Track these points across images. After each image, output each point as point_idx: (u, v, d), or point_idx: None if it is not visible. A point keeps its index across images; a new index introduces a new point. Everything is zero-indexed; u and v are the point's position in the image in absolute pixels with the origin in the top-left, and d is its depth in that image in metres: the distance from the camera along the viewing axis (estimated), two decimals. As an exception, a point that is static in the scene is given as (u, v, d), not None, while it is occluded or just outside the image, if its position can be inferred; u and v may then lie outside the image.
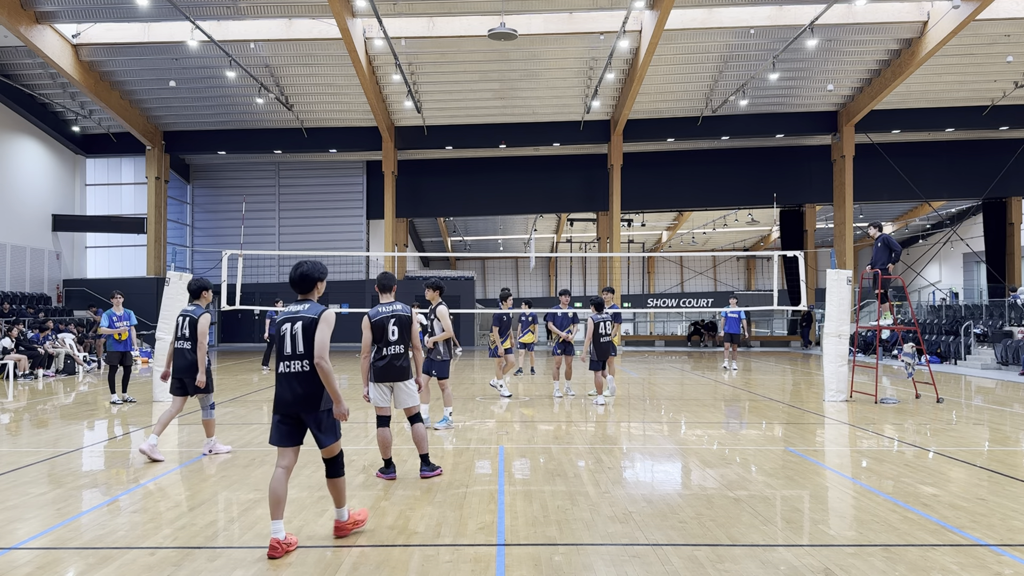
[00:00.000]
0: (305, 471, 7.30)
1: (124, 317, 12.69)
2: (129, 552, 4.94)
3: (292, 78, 26.88)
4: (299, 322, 5.00)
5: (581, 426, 10.27)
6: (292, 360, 4.99)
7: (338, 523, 5.28)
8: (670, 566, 4.67)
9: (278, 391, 5.03)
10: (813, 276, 34.53)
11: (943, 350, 23.33)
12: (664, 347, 34.53)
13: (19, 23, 21.11)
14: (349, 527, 5.30)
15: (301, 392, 4.97)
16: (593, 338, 12.24)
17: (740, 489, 6.60)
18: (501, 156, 32.36)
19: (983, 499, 6.30)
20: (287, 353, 5.00)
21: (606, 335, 12.24)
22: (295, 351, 4.99)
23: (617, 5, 22.27)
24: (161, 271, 29.56)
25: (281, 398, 5.00)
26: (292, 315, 5.06)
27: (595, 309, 12.40)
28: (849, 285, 13.27)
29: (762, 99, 28.08)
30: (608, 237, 31.66)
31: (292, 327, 5.01)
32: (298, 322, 5.01)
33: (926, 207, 36.95)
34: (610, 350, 12.45)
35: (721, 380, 17.34)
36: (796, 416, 11.34)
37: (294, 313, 5.07)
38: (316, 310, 5.05)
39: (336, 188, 34.08)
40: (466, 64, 25.84)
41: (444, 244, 48.44)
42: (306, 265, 5.17)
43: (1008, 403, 13.26)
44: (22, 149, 27.58)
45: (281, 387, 5.02)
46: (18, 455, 8.16)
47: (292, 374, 4.99)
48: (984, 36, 23.78)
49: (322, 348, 4.91)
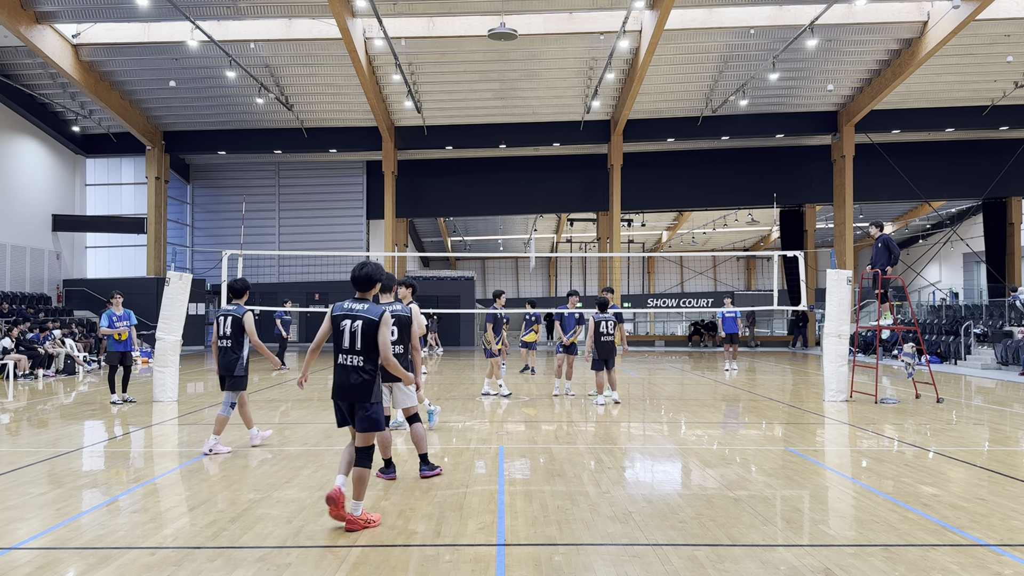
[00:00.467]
0: (305, 471, 7.30)
1: (124, 317, 12.67)
2: (129, 552, 4.94)
3: (292, 78, 26.88)
4: (359, 321, 5.41)
5: (581, 426, 10.27)
6: (350, 354, 5.43)
7: (350, 516, 5.41)
8: (670, 566, 4.67)
9: (336, 379, 5.47)
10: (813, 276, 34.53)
11: (943, 350, 23.34)
12: (664, 347, 34.53)
13: (19, 23, 21.11)
14: (360, 524, 5.43)
15: (355, 383, 5.40)
16: (595, 337, 12.24)
17: (740, 489, 6.61)
18: (501, 156, 32.36)
19: (983, 499, 6.30)
20: (345, 347, 5.42)
21: (608, 335, 12.24)
22: (353, 347, 5.42)
23: (617, 5, 22.26)
24: (161, 271, 29.56)
25: (339, 386, 5.46)
26: (352, 312, 5.46)
27: (599, 308, 12.41)
28: (849, 285, 13.27)
29: (762, 99, 28.08)
30: (608, 237, 31.66)
31: (352, 324, 5.42)
32: (358, 320, 5.41)
33: (926, 207, 36.95)
34: (613, 350, 12.42)
35: (721, 380, 17.34)
36: (796, 416, 11.34)
37: (353, 311, 5.46)
38: (376, 312, 5.46)
39: (336, 188, 34.08)
40: (466, 64, 25.84)
41: (444, 244, 48.44)
42: (370, 266, 5.62)
43: (1008, 403, 13.27)
44: (22, 149, 27.59)
45: (339, 376, 5.46)
46: (18, 455, 8.16)
47: (349, 367, 5.43)
48: (984, 36, 23.78)
49: (385, 348, 5.42)
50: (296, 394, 14.23)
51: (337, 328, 5.48)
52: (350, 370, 5.41)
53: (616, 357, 13.53)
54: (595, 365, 12.39)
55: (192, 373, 19.20)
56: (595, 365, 12.39)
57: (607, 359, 12.33)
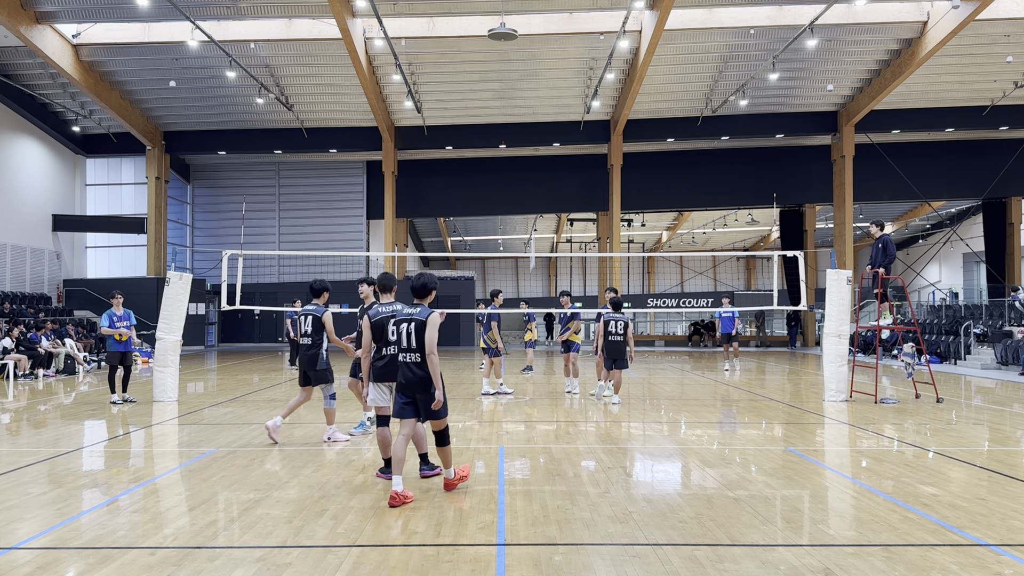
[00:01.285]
0: (305, 471, 7.30)
1: (124, 317, 12.62)
2: (129, 552, 4.94)
3: (292, 78, 26.88)
4: (412, 323, 6.23)
5: (581, 426, 10.27)
6: (408, 352, 6.23)
7: (447, 480, 6.51)
8: (670, 566, 4.67)
9: (399, 375, 6.28)
10: (813, 276, 34.52)
11: (943, 350, 23.34)
12: (664, 347, 34.53)
13: (19, 23, 21.10)
14: (456, 482, 6.53)
15: (416, 377, 6.18)
16: (604, 336, 12.30)
17: (740, 489, 6.61)
18: (501, 156, 32.35)
19: (983, 499, 6.30)
20: (404, 346, 6.24)
21: (617, 335, 12.27)
22: (410, 345, 6.23)
23: (617, 5, 22.26)
24: (161, 271, 29.56)
25: (401, 381, 6.26)
26: (407, 316, 6.28)
27: (613, 308, 12.44)
28: (849, 285, 13.27)
29: (762, 99, 28.08)
30: (608, 237, 31.66)
31: (408, 326, 6.24)
32: (412, 323, 6.23)
33: (926, 207, 36.93)
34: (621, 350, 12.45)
35: (721, 380, 17.34)
36: (796, 416, 11.34)
37: (408, 315, 6.28)
38: (425, 313, 6.24)
39: (336, 188, 34.08)
40: (466, 64, 25.84)
41: (444, 244, 48.44)
42: (426, 276, 6.42)
43: (1008, 403, 13.27)
44: (22, 149, 27.58)
45: (401, 373, 6.27)
46: (18, 455, 8.16)
47: (408, 363, 6.22)
48: (984, 36, 23.78)
49: (431, 345, 6.14)
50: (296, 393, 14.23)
51: (395, 328, 6.34)
52: (412, 366, 6.20)
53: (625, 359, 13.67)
54: (606, 364, 12.52)
55: (192, 373, 19.21)
56: (606, 364, 12.52)
57: (616, 359, 12.36)
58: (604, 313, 12.45)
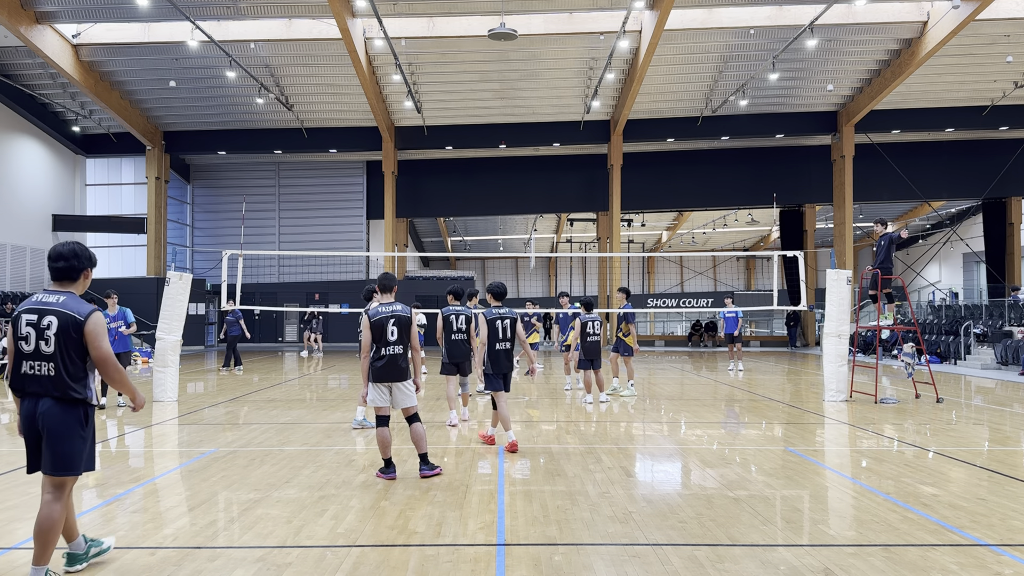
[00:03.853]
0: (305, 471, 7.30)
1: (118, 317, 12.31)
2: (129, 552, 4.94)
3: (292, 78, 26.89)
4: (509, 320, 7.82)
5: (581, 426, 10.27)
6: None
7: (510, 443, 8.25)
8: (670, 566, 4.67)
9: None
10: (813, 276, 34.52)
11: (943, 350, 23.34)
12: (664, 347, 34.53)
13: (19, 23, 21.10)
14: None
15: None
16: (581, 338, 12.24)
17: (740, 489, 6.61)
18: (501, 156, 32.35)
19: (983, 499, 6.30)
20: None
21: (594, 335, 12.26)
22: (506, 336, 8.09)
23: (617, 5, 22.26)
24: (161, 271, 29.56)
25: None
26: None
27: (585, 309, 12.41)
28: (849, 285, 13.27)
29: (762, 99, 28.08)
30: (608, 237, 31.66)
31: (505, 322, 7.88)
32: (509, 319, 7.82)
33: (926, 207, 36.93)
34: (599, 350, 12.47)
35: (721, 380, 17.34)
36: (796, 416, 11.34)
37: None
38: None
39: (336, 188, 34.08)
40: (466, 64, 25.84)
41: (444, 244, 48.44)
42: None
43: (1008, 403, 13.27)
44: (22, 149, 27.59)
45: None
46: (18, 455, 8.16)
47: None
48: (984, 36, 23.77)
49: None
50: (297, 394, 14.24)
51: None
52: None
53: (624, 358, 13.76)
54: (581, 364, 12.43)
55: (192, 373, 19.21)
56: (581, 364, 12.43)
57: (592, 359, 12.34)
58: (580, 316, 12.40)
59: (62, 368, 4.22)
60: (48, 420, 4.24)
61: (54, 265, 4.37)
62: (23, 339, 4.24)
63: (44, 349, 4.22)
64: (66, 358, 4.22)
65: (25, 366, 4.26)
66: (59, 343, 4.21)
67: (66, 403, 4.26)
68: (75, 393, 4.25)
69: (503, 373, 8.43)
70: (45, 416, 4.25)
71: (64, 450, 4.27)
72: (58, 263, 4.36)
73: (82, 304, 4.31)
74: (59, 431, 4.26)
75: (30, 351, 4.24)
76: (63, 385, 4.22)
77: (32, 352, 4.24)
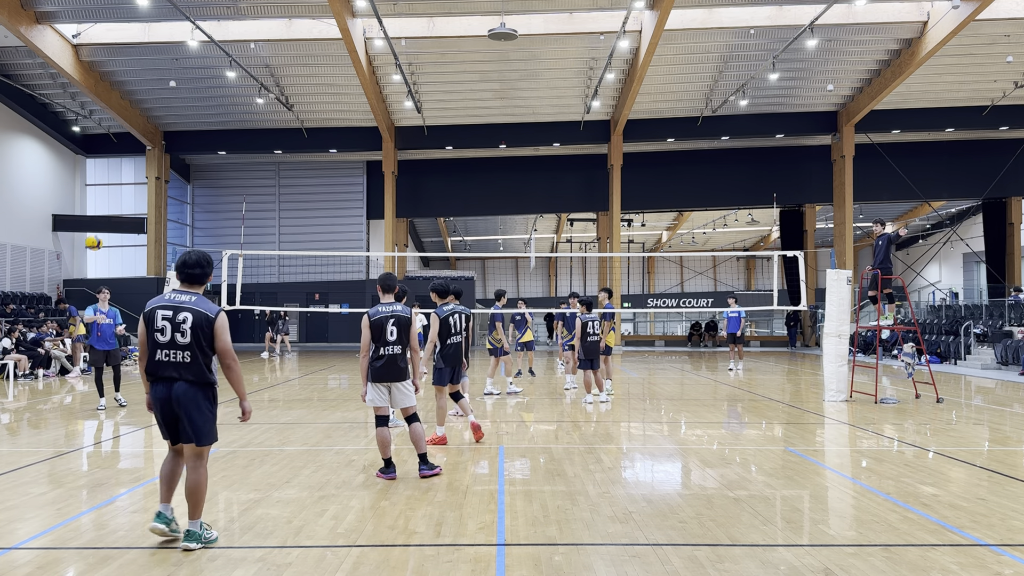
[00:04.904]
0: (305, 471, 7.30)
1: (108, 315, 12.23)
2: (129, 552, 4.94)
3: (292, 78, 26.88)
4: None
5: (581, 426, 10.27)
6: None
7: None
8: (670, 566, 4.67)
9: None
10: (813, 276, 34.52)
11: (943, 350, 23.34)
12: (664, 347, 34.53)
13: (19, 23, 21.10)
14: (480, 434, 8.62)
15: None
16: (582, 338, 12.23)
17: (740, 489, 6.61)
18: (501, 156, 32.35)
19: (983, 499, 6.30)
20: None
21: (595, 335, 12.25)
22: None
23: (617, 5, 22.26)
24: (161, 271, 29.55)
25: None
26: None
27: (586, 309, 12.40)
28: (849, 285, 13.27)
29: (762, 99, 28.07)
30: (608, 237, 31.66)
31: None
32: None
33: (926, 207, 36.92)
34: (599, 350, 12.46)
35: (720, 380, 17.34)
36: (796, 416, 11.34)
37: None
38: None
39: (336, 188, 34.06)
40: (466, 64, 25.84)
41: (444, 244, 48.43)
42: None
43: (1008, 403, 13.26)
44: (22, 149, 27.57)
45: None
46: (18, 455, 8.16)
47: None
48: (984, 36, 23.77)
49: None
50: (296, 394, 14.23)
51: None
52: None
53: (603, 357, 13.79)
54: (583, 365, 12.39)
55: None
56: (583, 365, 12.39)
57: (592, 359, 12.33)
58: (580, 316, 12.36)
59: (197, 355, 5.00)
60: (185, 400, 4.99)
61: (190, 271, 5.14)
62: (159, 331, 4.97)
63: (180, 340, 4.97)
64: (198, 348, 4.99)
65: (160, 354, 4.99)
66: (194, 335, 4.98)
67: (199, 385, 5.04)
68: (207, 377, 5.06)
69: (452, 367, 8.82)
70: (182, 397, 4.99)
71: (201, 424, 5.07)
72: (194, 270, 5.14)
73: (211, 304, 5.11)
74: (196, 409, 5.04)
75: (165, 341, 4.98)
76: (198, 370, 5.01)
77: (168, 342, 4.98)
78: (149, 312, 5.03)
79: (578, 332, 12.26)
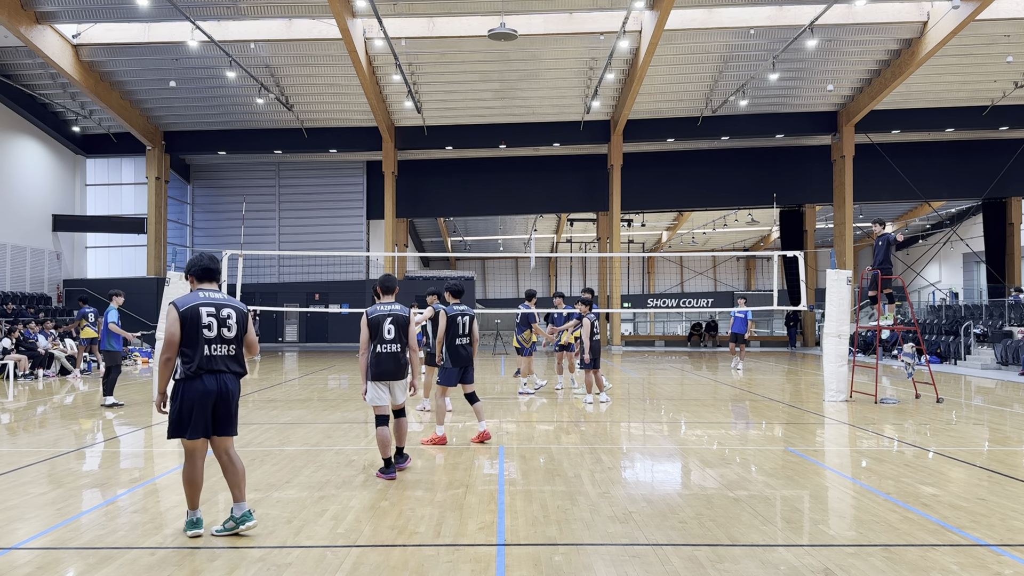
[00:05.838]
0: (305, 471, 7.30)
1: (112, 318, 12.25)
2: (129, 552, 4.94)
3: (292, 78, 26.89)
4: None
5: (581, 426, 10.27)
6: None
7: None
8: (670, 566, 4.67)
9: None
10: (813, 276, 34.52)
11: (943, 350, 23.34)
12: (664, 347, 34.53)
13: (19, 23, 21.10)
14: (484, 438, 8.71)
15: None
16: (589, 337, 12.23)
17: (740, 489, 6.61)
18: (501, 156, 32.35)
19: (983, 499, 6.30)
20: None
21: (597, 334, 12.29)
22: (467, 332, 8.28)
23: (617, 5, 22.26)
24: (161, 271, 29.55)
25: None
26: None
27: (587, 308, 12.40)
28: (849, 285, 13.27)
29: (762, 99, 28.08)
30: (608, 237, 31.66)
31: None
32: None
33: (926, 207, 36.93)
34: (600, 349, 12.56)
35: (720, 380, 17.34)
36: (796, 416, 11.34)
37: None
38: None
39: (336, 188, 34.06)
40: (466, 64, 25.84)
41: (444, 244, 48.44)
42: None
43: (1008, 403, 13.27)
44: (22, 149, 27.58)
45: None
46: (18, 455, 8.16)
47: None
48: (984, 36, 23.77)
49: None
50: (296, 394, 14.23)
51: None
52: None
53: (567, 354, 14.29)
54: (590, 364, 12.35)
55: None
56: (590, 364, 12.35)
57: (595, 358, 12.33)
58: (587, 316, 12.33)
59: (240, 348, 5.33)
60: (235, 392, 5.29)
61: (214, 268, 5.46)
62: (205, 327, 5.16)
63: (226, 334, 5.22)
64: (239, 341, 5.29)
65: (209, 348, 5.16)
66: (239, 329, 5.29)
67: (238, 377, 5.32)
68: (245, 368, 5.39)
69: (462, 368, 8.72)
70: (233, 389, 5.27)
71: (237, 414, 5.37)
72: (215, 266, 5.48)
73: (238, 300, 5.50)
74: (236, 400, 5.34)
75: (212, 336, 5.17)
76: (241, 362, 5.32)
77: (215, 337, 5.18)
78: (193, 310, 5.16)
79: (586, 332, 12.25)
